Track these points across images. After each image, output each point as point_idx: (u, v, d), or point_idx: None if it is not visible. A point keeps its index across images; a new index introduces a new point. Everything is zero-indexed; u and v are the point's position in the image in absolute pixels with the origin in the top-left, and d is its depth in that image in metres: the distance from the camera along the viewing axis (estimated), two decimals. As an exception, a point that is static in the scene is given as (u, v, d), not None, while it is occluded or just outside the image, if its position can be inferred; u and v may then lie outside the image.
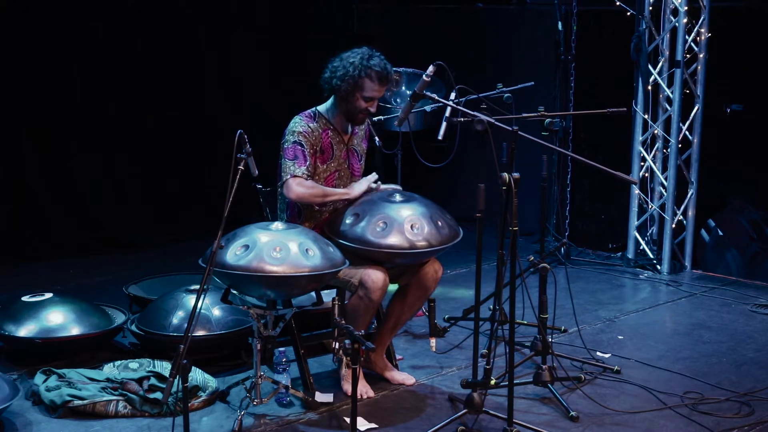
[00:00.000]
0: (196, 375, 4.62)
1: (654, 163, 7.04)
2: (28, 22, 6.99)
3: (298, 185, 4.55)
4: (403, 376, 4.88)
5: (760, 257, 7.09)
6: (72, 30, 7.17)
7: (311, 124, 4.66)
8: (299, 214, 4.75)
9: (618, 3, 7.01)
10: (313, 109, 4.76)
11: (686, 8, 6.71)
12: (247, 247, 4.19)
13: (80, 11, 7.17)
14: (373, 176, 4.77)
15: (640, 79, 6.91)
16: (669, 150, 6.94)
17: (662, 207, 7.02)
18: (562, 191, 7.62)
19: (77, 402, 4.42)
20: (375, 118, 5.73)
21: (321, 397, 4.58)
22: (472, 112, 4.31)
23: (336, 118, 4.74)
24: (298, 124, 4.65)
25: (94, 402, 4.44)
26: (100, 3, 7.27)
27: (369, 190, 4.70)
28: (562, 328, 5.63)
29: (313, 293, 4.51)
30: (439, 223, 4.58)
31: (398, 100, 7.24)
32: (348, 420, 4.27)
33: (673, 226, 6.98)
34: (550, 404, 4.63)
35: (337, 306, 4.07)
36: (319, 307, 4.57)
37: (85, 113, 7.36)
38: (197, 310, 3.85)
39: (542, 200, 6.15)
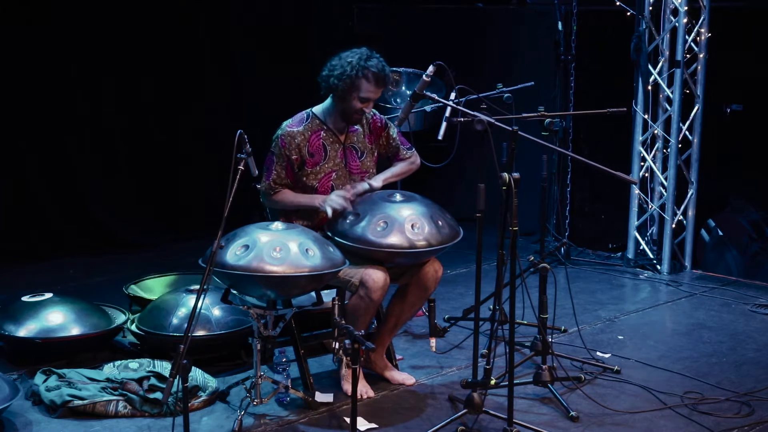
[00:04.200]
0: (196, 375, 4.63)
1: (654, 163, 7.04)
2: (27, 22, 6.99)
3: (264, 198, 4.79)
4: (403, 376, 4.88)
5: (760, 257, 7.09)
6: (71, 29, 7.16)
7: (295, 129, 4.68)
8: (296, 211, 4.76)
9: (618, 3, 7.01)
10: (308, 110, 4.76)
11: (686, 8, 6.71)
12: (247, 247, 4.19)
13: (79, 11, 7.17)
14: (342, 196, 4.63)
15: (640, 79, 6.91)
16: (669, 150, 6.94)
17: (662, 207, 7.02)
18: (562, 191, 7.62)
19: (77, 402, 4.42)
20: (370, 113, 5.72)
21: (321, 397, 4.58)
22: (472, 112, 4.31)
23: (332, 118, 4.74)
24: (281, 131, 4.71)
25: (94, 402, 4.44)
26: (102, 4, 7.27)
27: (339, 212, 4.60)
28: (562, 328, 5.63)
29: (313, 293, 4.51)
30: (440, 223, 4.58)
31: (398, 100, 7.23)
32: (348, 420, 4.27)
33: (673, 226, 6.98)
34: (550, 404, 4.63)
35: (337, 306, 4.08)
36: (319, 307, 4.57)
37: (84, 113, 7.36)
38: (197, 310, 3.86)
39: (542, 200, 6.14)
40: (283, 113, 4.87)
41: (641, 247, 7.18)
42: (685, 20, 6.71)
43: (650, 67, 6.88)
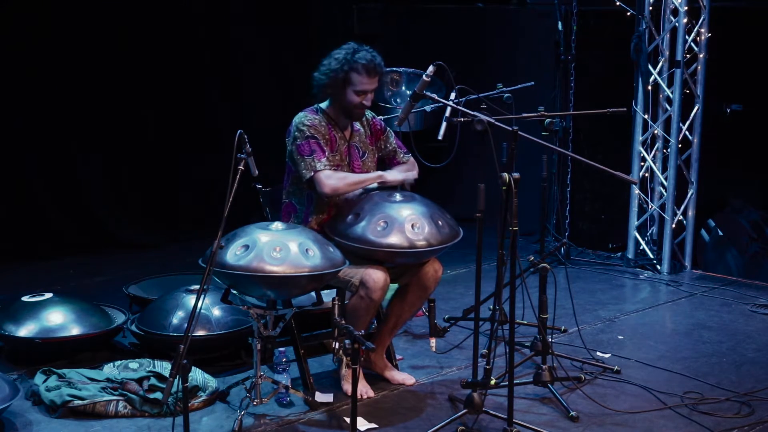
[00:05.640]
0: (196, 375, 4.62)
1: (654, 163, 7.04)
2: (28, 22, 6.99)
3: (328, 178, 4.55)
4: (403, 376, 4.88)
5: (760, 257, 7.09)
6: (72, 30, 7.16)
7: (315, 116, 4.67)
8: (314, 210, 4.73)
9: (618, 3, 7.01)
10: (315, 105, 4.77)
11: (686, 8, 6.71)
12: (247, 247, 4.19)
13: (81, 12, 7.17)
14: (412, 174, 4.82)
15: (640, 79, 6.91)
16: (669, 150, 6.94)
17: (662, 207, 7.02)
18: (562, 191, 7.62)
19: (77, 402, 4.42)
20: (369, 115, 5.73)
21: (321, 397, 4.58)
22: (472, 112, 4.31)
23: (336, 116, 4.74)
24: (305, 118, 4.66)
25: (94, 402, 4.44)
26: (101, 4, 7.27)
27: (401, 183, 4.72)
28: (562, 328, 5.63)
29: (313, 293, 4.51)
30: (440, 223, 4.58)
31: (398, 100, 7.24)
32: (348, 420, 4.27)
33: (673, 226, 6.98)
34: (550, 404, 4.63)
35: (337, 306, 4.08)
36: (319, 307, 4.57)
37: (85, 113, 7.36)
38: (197, 310, 3.86)
39: (542, 200, 6.15)
40: (283, 114, 4.87)
41: (641, 247, 7.18)
42: (685, 20, 6.72)
43: (650, 67, 6.88)
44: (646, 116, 6.97)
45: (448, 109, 4.82)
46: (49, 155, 7.24)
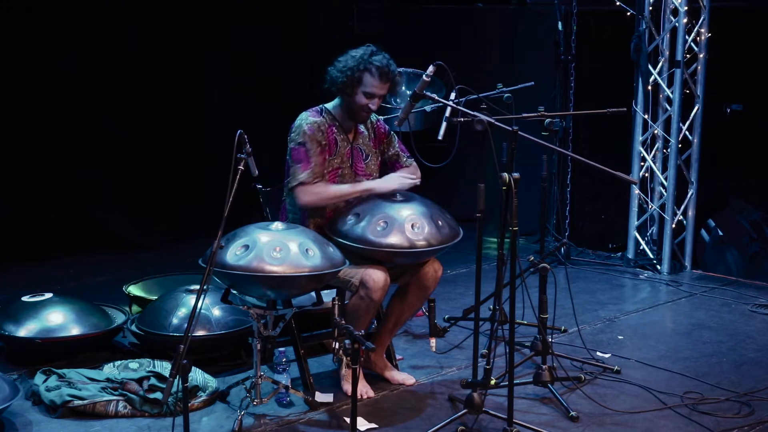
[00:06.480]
0: (196, 375, 4.63)
1: (654, 163, 7.04)
2: (28, 20, 6.99)
3: (303, 193, 4.60)
4: (403, 376, 4.88)
5: (760, 257, 7.09)
6: (72, 30, 7.17)
7: (317, 119, 4.66)
8: (310, 214, 4.73)
9: (618, 3, 7.01)
10: (321, 105, 4.76)
11: (686, 8, 6.71)
12: (247, 247, 4.19)
13: (81, 11, 7.17)
14: (408, 182, 4.75)
15: (640, 79, 6.91)
16: (669, 150, 6.94)
17: (662, 207, 7.02)
18: (562, 191, 7.62)
19: (77, 402, 4.42)
20: (374, 118, 5.73)
21: (321, 397, 4.58)
22: (472, 112, 4.31)
23: (341, 117, 4.74)
24: (304, 120, 4.65)
25: (94, 402, 4.44)
26: (101, 3, 7.27)
27: (394, 192, 4.67)
28: (562, 328, 5.63)
29: (313, 293, 4.51)
30: (440, 223, 4.58)
31: (398, 100, 7.23)
32: (348, 420, 4.27)
33: (673, 226, 6.98)
34: (550, 404, 4.63)
35: (337, 306, 4.07)
36: (319, 307, 4.57)
37: (85, 113, 7.36)
38: (197, 310, 3.86)
39: (542, 200, 6.15)
40: (283, 114, 4.86)
41: (641, 247, 7.18)
42: (685, 20, 6.72)
43: (650, 67, 6.88)
44: (646, 116, 6.98)
45: (448, 109, 4.82)
46: (49, 155, 7.24)
